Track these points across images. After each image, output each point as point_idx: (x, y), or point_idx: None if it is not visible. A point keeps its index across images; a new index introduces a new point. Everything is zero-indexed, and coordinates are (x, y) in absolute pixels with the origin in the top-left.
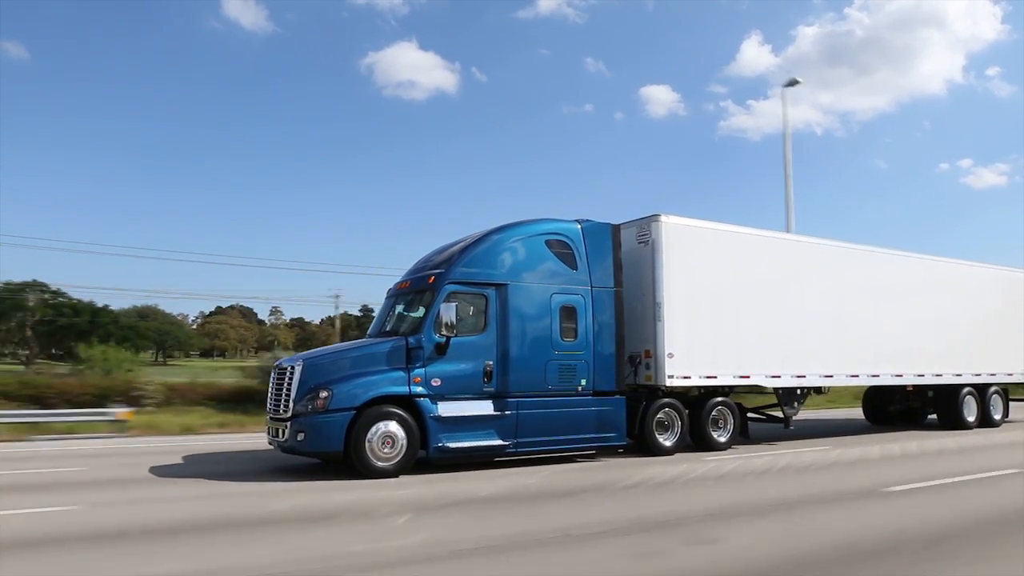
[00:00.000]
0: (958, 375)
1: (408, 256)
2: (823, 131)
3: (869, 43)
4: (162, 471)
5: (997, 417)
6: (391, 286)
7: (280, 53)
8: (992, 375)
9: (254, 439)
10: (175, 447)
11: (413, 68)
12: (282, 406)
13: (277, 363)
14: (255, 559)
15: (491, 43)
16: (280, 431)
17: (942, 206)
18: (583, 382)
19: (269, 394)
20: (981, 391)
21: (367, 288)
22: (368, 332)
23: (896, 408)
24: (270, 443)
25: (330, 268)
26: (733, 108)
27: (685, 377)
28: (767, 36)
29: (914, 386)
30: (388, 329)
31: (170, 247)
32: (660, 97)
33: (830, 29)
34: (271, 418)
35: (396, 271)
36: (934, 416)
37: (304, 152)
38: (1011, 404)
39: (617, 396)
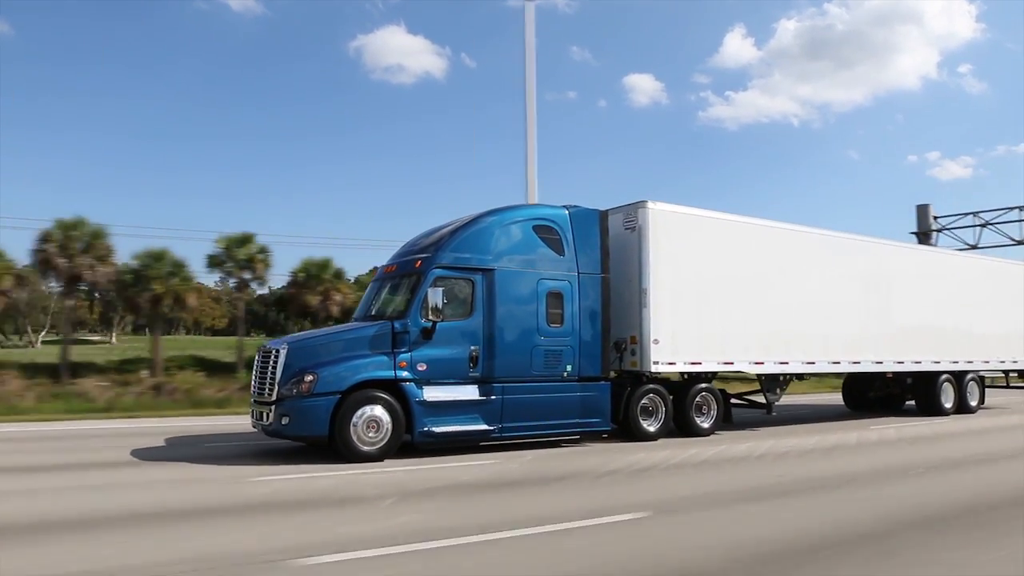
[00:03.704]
0: (936, 362)
1: (392, 234)
2: (800, 122)
3: (849, 37)
4: (143, 454)
5: (973, 404)
6: (377, 269)
7: (268, 35)
8: (969, 363)
9: (238, 422)
10: (158, 429)
11: (402, 52)
12: (267, 389)
13: (262, 346)
14: (237, 544)
15: (481, 29)
16: (264, 414)
17: (908, 195)
18: (568, 367)
19: (253, 377)
20: (958, 378)
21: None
22: (354, 316)
23: (876, 394)
24: (254, 426)
25: (315, 244)
26: (713, 98)
27: (670, 363)
28: (750, 29)
29: (894, 373)
30: (374, 313)
31: (156, 224)
32: (643, 86)
33: (810, 23)
34: (255, 401)
35: (378, 247)
36: (912, 402)
37: (291, 134)
38: (987, 390)
39: (602, 382)
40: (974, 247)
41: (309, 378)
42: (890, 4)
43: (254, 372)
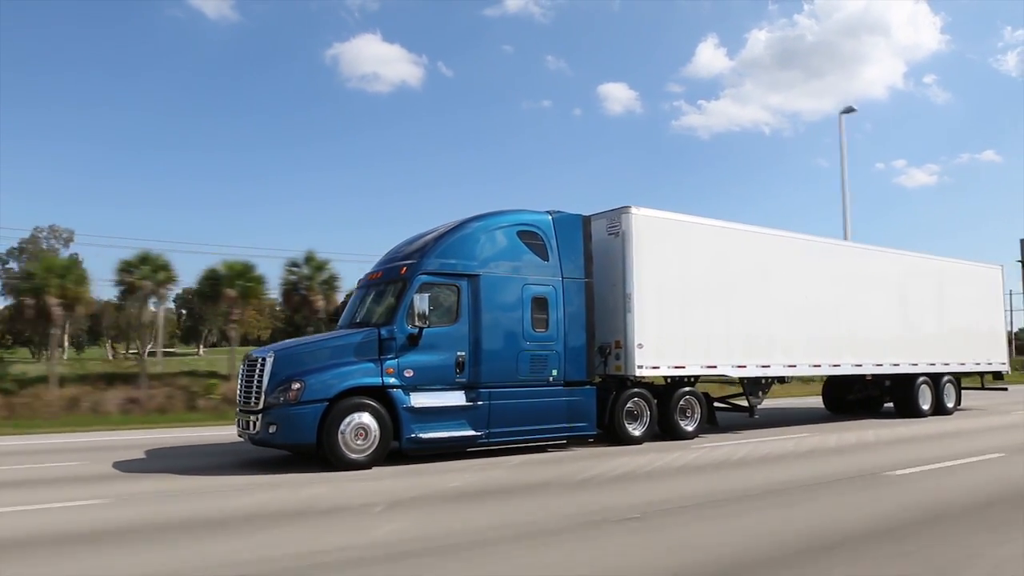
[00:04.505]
0: (914, 365)
1: (373, 244)
2: (771, 131)
3: (819, 48)
4: (125, 466)
5: (950, 405)
6: (362, 276)
7: (243, 43)
8: (946, 365)
9: (223, 432)
10: (139, 441)
11: (378, 60)
12: (253, 398)
13: (248, 354)
14: (225, 556)
15: (457, 39)
16: (251, 423)
17: (875, 202)
18: (554, 372)
19: (239, 386)
20: (935, 380)
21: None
22: (339, 323)
23: (855, 397)
24: (240, 435)
25: (290, 254)
26: (686, 107)
27: (654, 367)
28: (723, 39)
29: (872, 375)
30: (359, 320)
31: (134, 236)
32: (618, 95)
33: (781, 34)
34: (241, 410)
35: (360, 258)
36: (891, 404)
37: (266, 142)
38: (964, 392)
39: (587, 386)
40: None
41: (296, 386)
42: (858, 15)
43: (240, 381)
